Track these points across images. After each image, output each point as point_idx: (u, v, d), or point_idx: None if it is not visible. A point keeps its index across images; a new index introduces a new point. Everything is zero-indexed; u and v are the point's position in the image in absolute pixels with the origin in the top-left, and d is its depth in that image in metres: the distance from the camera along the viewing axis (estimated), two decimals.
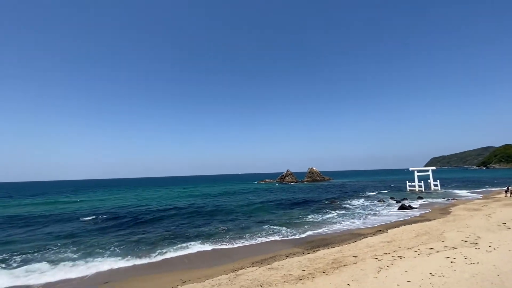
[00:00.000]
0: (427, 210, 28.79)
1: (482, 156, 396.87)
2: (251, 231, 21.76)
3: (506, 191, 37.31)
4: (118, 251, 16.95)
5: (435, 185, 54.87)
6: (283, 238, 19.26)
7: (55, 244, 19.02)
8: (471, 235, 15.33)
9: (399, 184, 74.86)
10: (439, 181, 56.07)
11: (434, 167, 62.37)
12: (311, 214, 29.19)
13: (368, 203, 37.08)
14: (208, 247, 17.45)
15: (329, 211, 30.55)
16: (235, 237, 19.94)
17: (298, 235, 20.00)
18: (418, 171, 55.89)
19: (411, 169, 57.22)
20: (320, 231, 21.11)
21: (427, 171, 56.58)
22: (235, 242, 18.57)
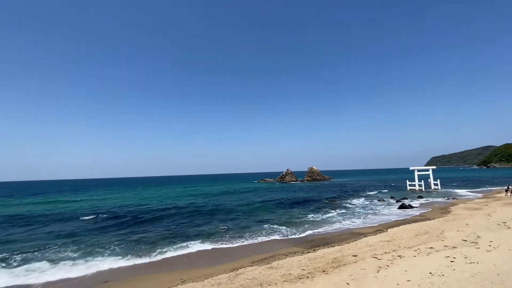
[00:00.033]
0: (427, 209, 28.79)
1: (482, 155, 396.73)
2: (251, 230, 21.78)
3: (506, 190, 37.27)
4: (118, 250, 16.99)
5: (435, 184, 54.87)
6: (283, 237, 19.27)
7: (55, 243, 19.05)
8: (471, 234, 15.31)
9: (399, 183, 74.89)
10: (439, 180, 56.07)
11: (434, 167, 62.39)
12: (311, 213, 29.21)
13: (368, 202, 37.10)
14: (208, 246, 17.48)
15: (329, 210, 30.58)
16: (235, 236, 19.95)
17: (298, 234, 20.01)
18: (418, 171, 55.91)
19: (411, 168, 57.27)
20: (320, 230, 21.12)
21: (427, 170, 56.57)
22: (235, 241, 18.59)
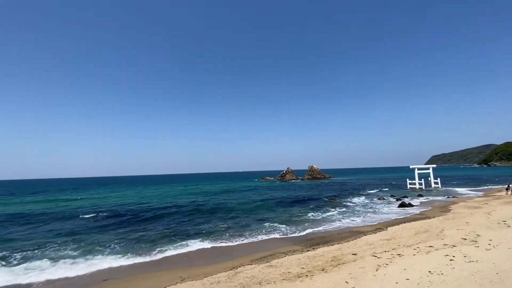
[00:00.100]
0: (427, 208, 28.78)
1: (483, 154, 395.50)
2: (251, 228, 21.81)
3: (507, 189, 37.19)
4: (118, 249, 17.02)
5: (436, 183, 54.84)
6: (282, 236, 19.29)
7: (56, 241, 19.10)
8: (471, 233, 15.29)
9: (399, 182, 74.86)
10: (440, 179, 55.99)
11: (435, 165, 62.36)
12: (311, 212, 29.23)
13: (368, 201, 37.10)
14: (208, 245, 17.51)
15: (329, 209, 30.58)
16: (234, 235, 19.98)
17: (298, 232, 20.03)
18: (419, 169, 55.82)
19: (411, 167, 57.18)
20: (320, 229, 21.13)
21: (428, 169, 56.53)
22: (234, 240, 18.61)
